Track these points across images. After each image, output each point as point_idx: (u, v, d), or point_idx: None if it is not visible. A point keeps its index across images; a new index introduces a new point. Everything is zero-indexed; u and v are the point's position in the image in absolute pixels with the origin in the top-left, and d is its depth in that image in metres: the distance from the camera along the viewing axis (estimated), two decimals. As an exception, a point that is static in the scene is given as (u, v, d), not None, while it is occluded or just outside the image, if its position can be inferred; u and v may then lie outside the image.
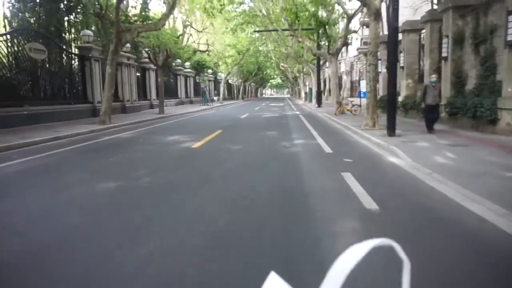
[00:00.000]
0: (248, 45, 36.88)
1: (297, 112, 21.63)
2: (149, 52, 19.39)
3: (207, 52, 39.93)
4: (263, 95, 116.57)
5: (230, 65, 38.09)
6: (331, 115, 16.75)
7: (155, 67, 24.31)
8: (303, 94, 44.86)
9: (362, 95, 20.54)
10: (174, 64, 30.14)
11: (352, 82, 28.40)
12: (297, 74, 44.44)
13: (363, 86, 21.93)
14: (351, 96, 28.03)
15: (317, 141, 8.94)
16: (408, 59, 14.70)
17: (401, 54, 14.89)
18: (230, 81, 57.57)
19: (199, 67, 30.18)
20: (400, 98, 15.23)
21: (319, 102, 25.60)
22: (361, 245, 0.52)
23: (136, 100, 21.13)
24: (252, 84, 78.83)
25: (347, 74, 29.16)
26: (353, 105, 17.10)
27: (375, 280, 2.30)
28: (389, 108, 9.06)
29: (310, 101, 36.12)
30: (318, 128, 12.12)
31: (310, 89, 36.67)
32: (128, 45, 19.57)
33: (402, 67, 14.94)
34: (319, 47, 21.23)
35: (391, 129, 8.84)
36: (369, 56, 10.82)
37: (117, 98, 19.49)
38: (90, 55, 16.18)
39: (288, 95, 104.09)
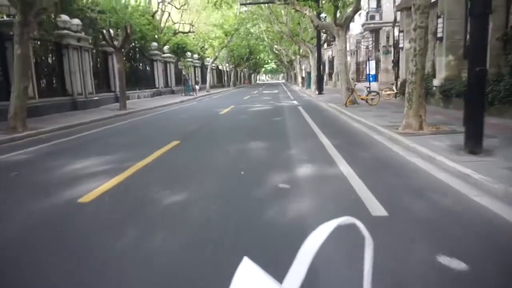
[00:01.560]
0: (237, 25, 32.37)
1: (295, 102, 17.49)
2: (104, 30, 15.08)
3: (189, 33, 35.53)
4: (257, 81, 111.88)
5: (217, 48, 33.65)
6: (340, 106, 12.69)
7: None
8: (299, 79, 40.56)
9: (370, 78, 16.45)
10: (150, 48, 25.77)
11: (357, 64, 24.17)
12: (293, 57, 40.08)
13: (372, 68, 17.79)
14: (358, 80, 23.86)
15: (339, 168, 4.74)
16: (449, 27, 10.54)
17: (439, 20, 10.73)
18: (220, 67, 53.05)
19: (179, 51, 25.80)
20: (436, 82, 11.14)
21: (319, 89, 21.46)
22: (326, 225, 0.55)
23: (93, 92, 16.88)
24: (244, 70, 74.27)
25: (352, 54, 24.91)
26: (369, 92, 12.98)
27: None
28: (471, 98, 4.91)
29: (309, 87, 31.94)
30: (329, 131, 8.04)
31: (308, 73, 32.43)
32: (76, 21, 15.25)
33: (440, 38, 10.80)
34: (320, 17, 17.01)
35: (475, 141, 4.73)
36: (415, 14, 6.67)
37: (64, 92, 15.26)
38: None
39: (283, 81, 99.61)
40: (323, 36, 24.55)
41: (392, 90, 14.98)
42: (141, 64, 24.71)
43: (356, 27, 30.33)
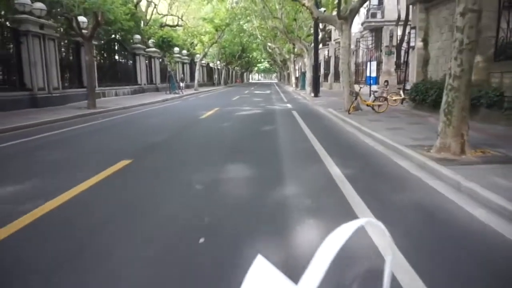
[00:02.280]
0: (229, 20, 30.36)
1: (289, 106, 15.60)
2: (71, 17, 12.96)
3: (177, 27, 33.44)
4: (250, 81, 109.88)
5: (206, 44, 31.60)
6: (342, 113, 10.85)
7: (95, 42, 17.87)
8: (293, 80, 38.74)
9: (370, 81, 14.64)
10: (132, 41, 23.66)
11: (356, 65, 22.41)
12: (287, 56, 38.22)
13: (373, 70, 15.97)
14: (356, 82, 22.08)
15: (370, 238, 2.88)
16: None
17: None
18: (211, 64, 50.98)
19: (165, 45, 23.73)
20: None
21: (316, 91, 19.62)
22: (348, 225, 0.52)
23: (60, 87, 14.77)
24: (237, 68, 72.32)
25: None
26: (377, 97, 11.13)
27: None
28: None
29: (303, 88, 30.12)
30: (336, 150, 6.14)
31: (303, 74, 30.60)
32: (39, 5, 13.11)
33: (466, 36, 8.99)
34: (318, 6, 15.15)
35: None
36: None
37: (22, 86, 13.13)
38: None
39: (276, 80, 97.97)
40: (320, 34, 22.74)
41: (399, 95, 13.19)
42: (121, 58, 22.56)
43: (354, 26, 28.64)
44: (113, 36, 22.20)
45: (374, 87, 12.67)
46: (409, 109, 11.95)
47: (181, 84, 23.74)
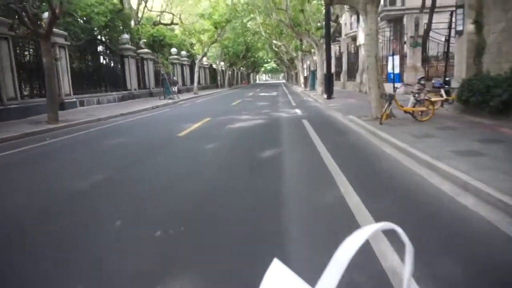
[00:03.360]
0: (229, 16, 27.59)
1: (298, 112, 12.69)
2: (19, 9, 10.32)
3: (172, 25, 30.86)
4: (257, 81, 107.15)
5: (206, 43, 28.89)
6: (368, 122, 7.98)
7: (68, 44, 15.30)
8: (301, 79, 35.80)
9: (393, 78, 11.65)
10: (119, 41, 21.07)
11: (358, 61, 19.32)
12: (294, 54, 35.30)
13: (396, 65, 12.93)
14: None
15: None
16: None
17: None
18: (214, 65, 48.33)
19: (157, 45, 21.07)
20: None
21: (329, 92, 16.70)
22: (364, 229, 0.51)
23: (17, 97, 12.17)
24: (242, 69, 69.68)
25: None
26: (419, 101, 8.12)
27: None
28: None
29: (312, 88, 27.24)
30: (386, 207, 3.32)
31: (312, 72, 27.73)
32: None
33: None
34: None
35: None
36: None
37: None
38: None
39: (284, 81, 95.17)
40: (332, 27, 19.76)
41: (438, 95, 10.17)
42: (106, 61, 19.95)
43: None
44: (97, 36, 19.61)
45: (412, 87, 9.68)
46: (457, 114, 8.98)
47: (174, 89, 21.02)
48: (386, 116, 7.95)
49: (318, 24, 24.28)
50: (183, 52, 34.82)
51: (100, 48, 19.00)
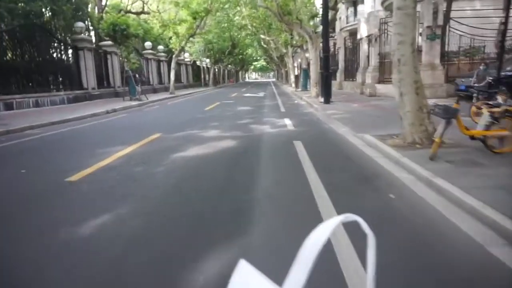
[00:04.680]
0: (210, 5, 24.04)
1: (288, 123, 9.21)
2: None
3: (143, 14, 27.23)
4: (246, 80, 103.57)
5: (183, 37, 25.29)
6: (409, 153, 4.61)
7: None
8: (292, 78, 32.47)
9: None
10: (73, 30, 17.39)
11: (381, 56, 15.95)
12: (284, 50, 31.96)
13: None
14: (381, 81, 15.77)
15: None
16: None
17: None
18: (198, 63, 44.65)
19: (118, 36, 17.42)
20: None
21: (326, 95, 13.36)
22: (327, 223, 0.52)
23: None
24: (230, 66, 66.14)
25: (372, 40, 16.77)
26: (496, 118, 4.82)
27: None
28: None
29: (304, 88, 23.93)
30: None
31: (304, 71, 24.39)
32: None
33: None
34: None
35: None
36: None
37: None
38: None
39: (274, 79, 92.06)
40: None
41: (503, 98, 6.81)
42: (50, 53, 16.24)
43: (372, 4, 22.31)
44: (36, 21, 15.88)
45: (497, 98, 6.35)
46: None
47: (138, 88, 17.42)
48: (438, 145, 4.60)
49: (312, 12, 20.99)
50: (160, 47, 31.10)
51: (39, 37, 15.20)
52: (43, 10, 15.35)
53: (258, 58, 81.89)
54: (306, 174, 4.39)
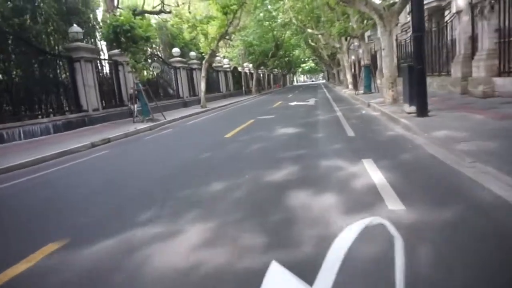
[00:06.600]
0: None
1: (383, 185, 4.07)
2: None
3: (161, 13, 23.35)
4: (294, 83, 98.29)
5: (213, 39, 20.99)
6: None
7: None
8: (348, 78, 26.78)
9: None
10: (67, 36, 13.71)
11: (502, 33, 9.83)
12: (337, 44, 26.42)
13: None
14: (509, 72, 9.91)
15: None
16: None
17: None
18: (240, 69, 40.40)
19: (118, 39, 13.33)
20: None
21: (420, 102, 7.93)
22: (354, 226, 0.49)
23: None
24: (276, 70, 61.38)
25: (484, 11, 10.80)
26: None
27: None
28: None
29: (368, 89, 18.37)
30: None
31: (366, 67, 18.80)
32: None
33: None
34: None
35: None
36: None
37: None
38: None
39: (324, 81, 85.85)
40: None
41: None
42: (35, 68, 12.53)
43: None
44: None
45: None
46: None
47: (132, 107, 13.17)
48: None
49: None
50: (192, 53, 27.20)
51: (18, 47, 11.52)
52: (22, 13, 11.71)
53: (306, 59, 76.38)
54: None
